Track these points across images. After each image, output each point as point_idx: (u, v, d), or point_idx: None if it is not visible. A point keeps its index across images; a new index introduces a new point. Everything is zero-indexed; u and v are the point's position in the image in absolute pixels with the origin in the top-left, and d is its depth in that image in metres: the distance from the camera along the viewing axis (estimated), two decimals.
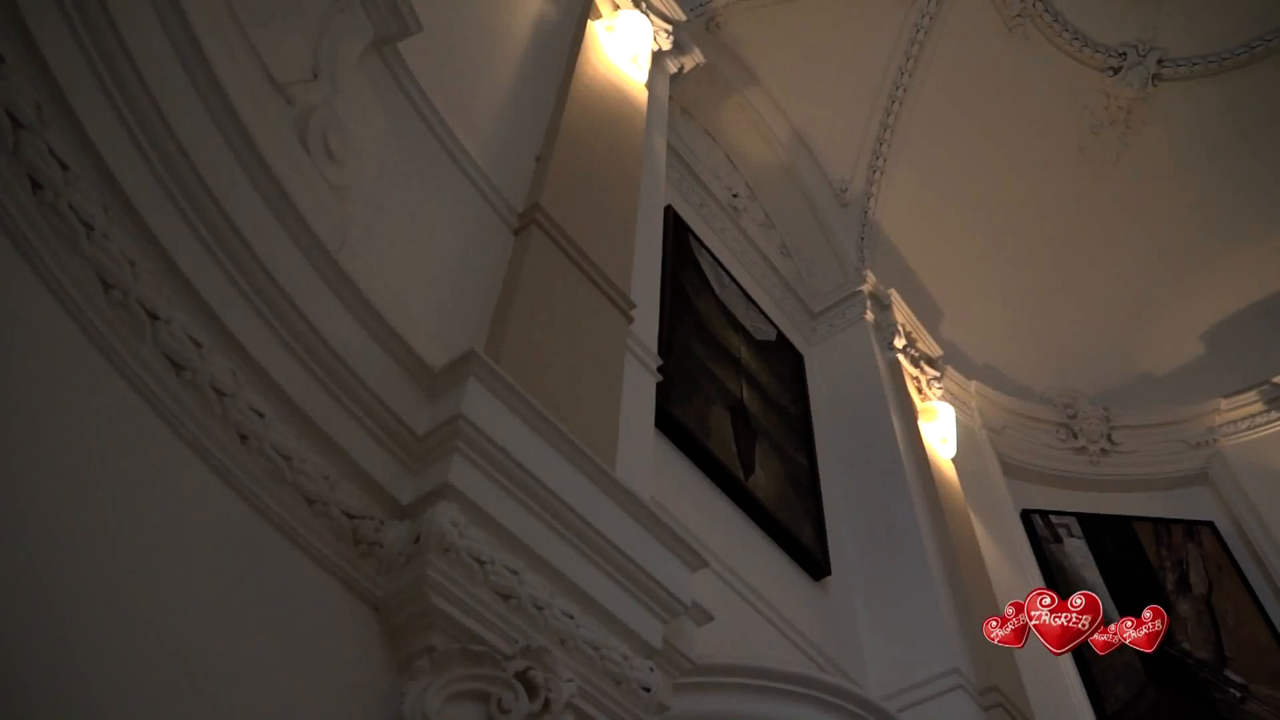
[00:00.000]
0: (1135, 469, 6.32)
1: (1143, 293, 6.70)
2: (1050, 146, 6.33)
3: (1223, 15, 5.96)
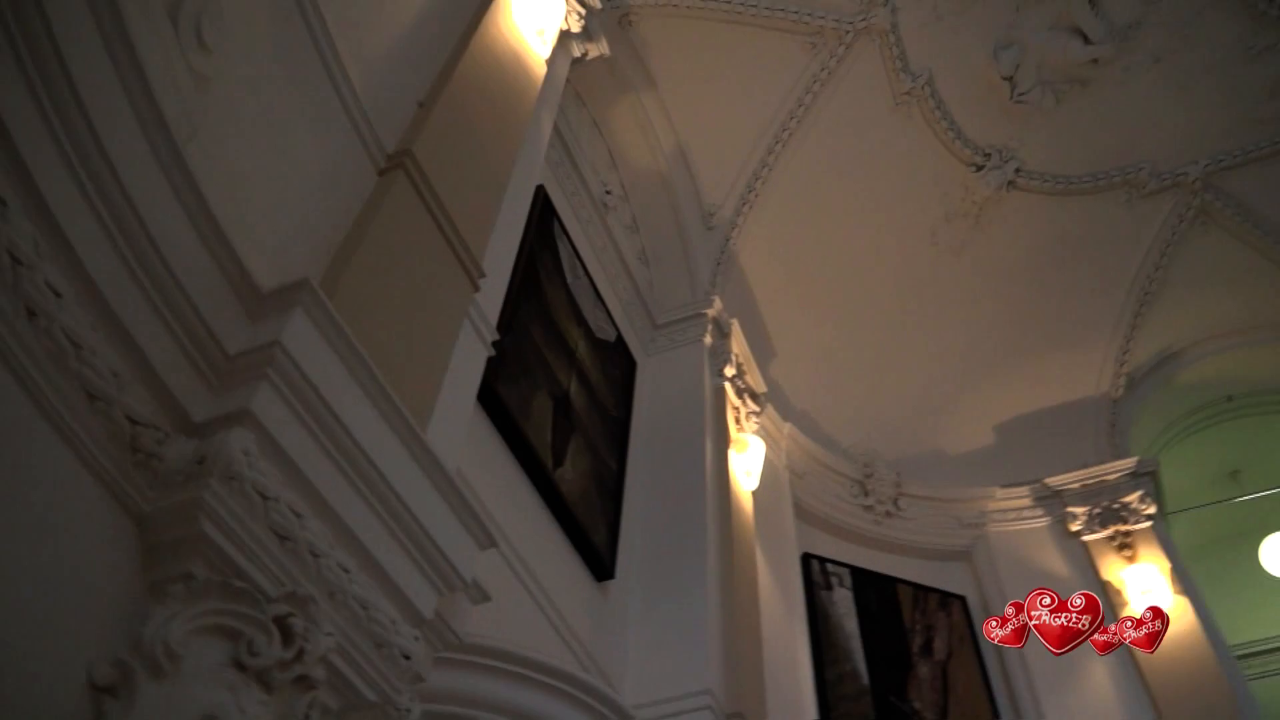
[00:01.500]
0: (911, 535, 6.76)
1: (956, 376, 7.18)
2: (907, 223, 6.70)
3: (1080, 144, 6.49)
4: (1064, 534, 6.63)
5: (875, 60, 5.97)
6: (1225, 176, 6.59)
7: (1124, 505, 6.51)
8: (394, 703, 2.03)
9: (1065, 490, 6.70)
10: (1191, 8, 5.91)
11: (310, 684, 1.77)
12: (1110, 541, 6.42)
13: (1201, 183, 6.59)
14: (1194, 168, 6.54)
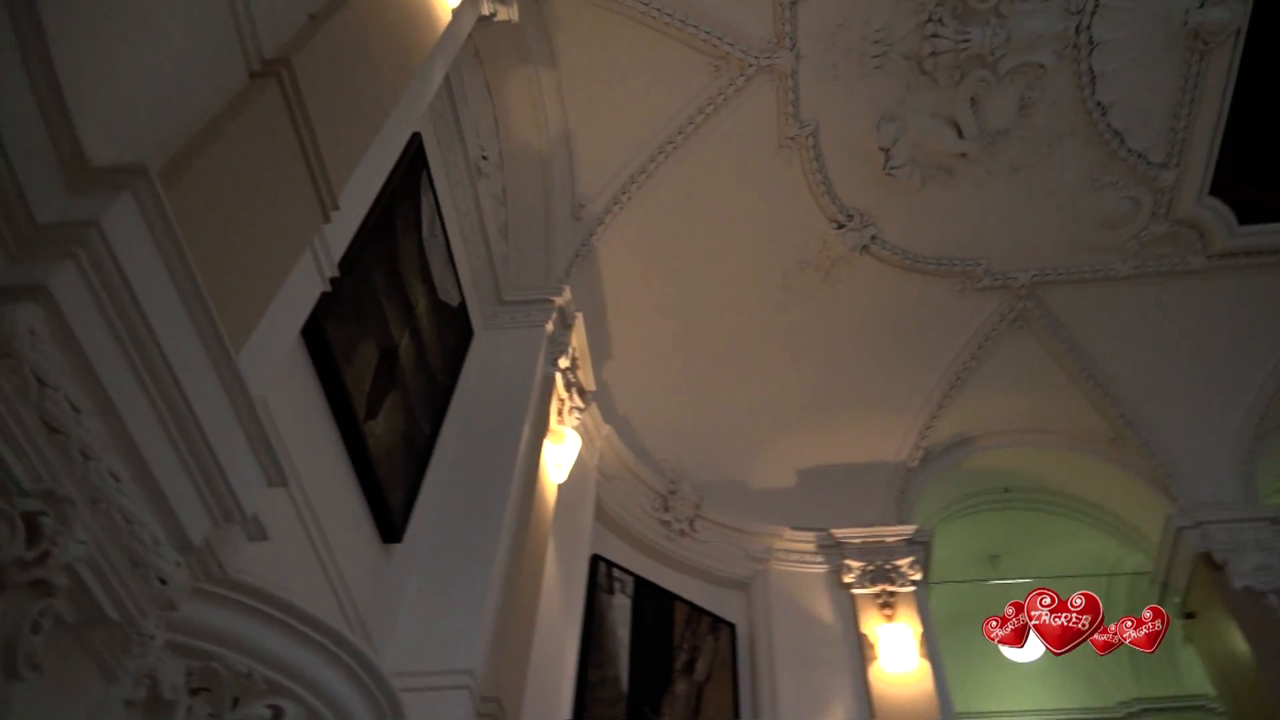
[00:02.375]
0: (699, 558, 6.96)
1: (774, 415, 7.46)
2: (763, 261, 6.91)
3: (933, 227, 6.88)
4: (836, 583, 7.00)
5: (770, 99, 6.13)
6: (1048, 289, 7.15)
7: (895, 568, 6.94)
8: (137, 625, 1.92)
9: (847, 543, 7.08)
10: (1055, 131, 6.39)
11: (48, 590, 1.64)
12: (875, 598, 6.83)
13: (1026, 290, 7.12)
14: (1023, 275, 7.07)
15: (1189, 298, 7.17)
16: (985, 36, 5.90)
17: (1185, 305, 7.20)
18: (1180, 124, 6.35)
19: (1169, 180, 6.60)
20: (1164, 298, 7.18)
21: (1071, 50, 6.04)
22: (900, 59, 6.05)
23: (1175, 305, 7.20)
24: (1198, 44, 5.98)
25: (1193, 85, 6.17)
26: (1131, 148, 6.46)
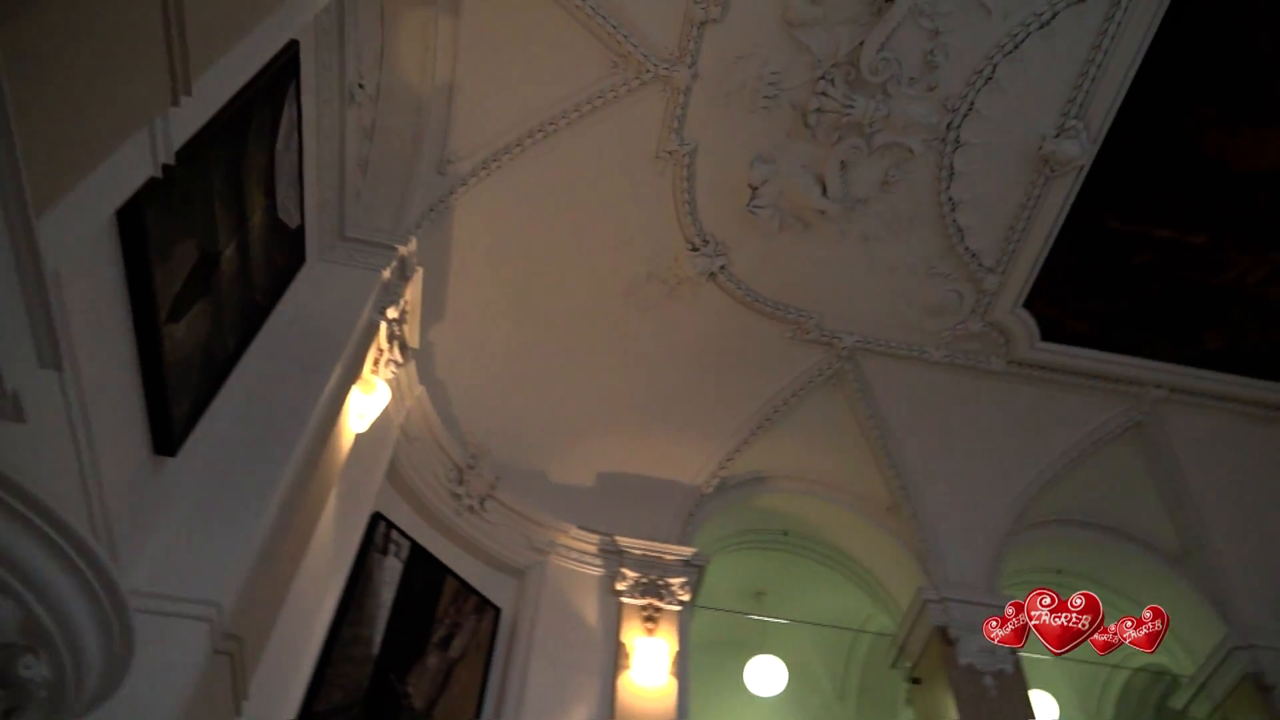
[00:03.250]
0: (482, 537, 6.92)
1: (588, 414, 7.52)
2: (613, 264, 6.96)
3: (779, 272, 7.12)
4: (608, 589, 7.12)
5: (659, 109, 6.20)
6: (866, 357, 7.56)
7: (667, 585, 7.13)
8: None
9: (628, 552, 7.22)
10: (908, 213, 6.78)
11: None
12: (641, 610, 6.99)
13: (848, 352, 7.51)
14: (849, 338, 7.45)
15: (984, 395, 7.77)
16: (868, 109, 6.19)
17: (979, 401, 7.79)
18: (1014, 236, 6.88)
19: (993, 284, 7.13)
20: (963, 389, 7.74)
21: (939, 143, 6.43)
22: (788, 106, 6.25)
23: (971, 399, 7.78)
24: (1045, 169, 6.50)
25: (1032, 204, 6.70)
26: (969, 246, 6.93)
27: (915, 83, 6.14)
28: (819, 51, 6.00)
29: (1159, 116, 6.38)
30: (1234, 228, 6.98)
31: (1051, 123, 6.34)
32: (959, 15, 5.90)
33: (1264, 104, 6.36)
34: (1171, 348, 7.65)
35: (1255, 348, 7.67)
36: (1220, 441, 8.04)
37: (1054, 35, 5.99)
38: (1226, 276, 7.24)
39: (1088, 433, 7.98)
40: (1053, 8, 5.89)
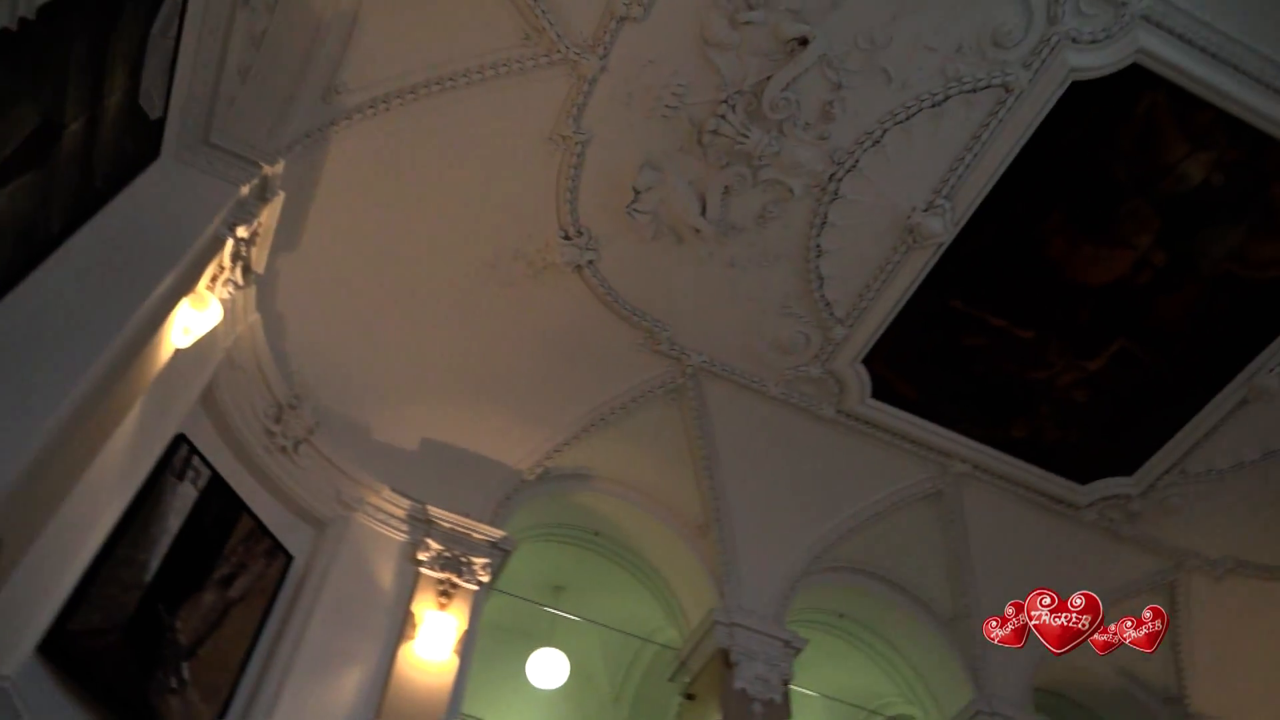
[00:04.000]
0: (289, 481, 6.65)
1: (428, 378, 7.36)
2: (484, 234, 6.85)
3: (643, 279, 7.19)
4: (409, 556, 7.00)
5: (562, 92, 6.16)
6: (709, 378, 7.73)
7: (469, 563, 7.07)
8: None
9: (437, 523, 7.11)
10: (776, 251, 6.98)
11: None
12: (439, 584, 6.90)
13: (693, 370, 7.66)
14: (696, 356, 7.60)
15: (809, 437, 8.09)
16: (761, 142, 6.34)
17: (804, 442, 8.11)
18: (868, 295, 7.20)
19: (839, 335, 7.45)
20: (792, 429, 8.04)
21: (819, 191, 6.66)
22: (687, 121, 6.33)
23: (798, 439, 8.08)
24: (909, 239, 6.84)
25: (890, 269, 7.04)
26: (825, 295, 7.21)
27: (810, 129, 6.35)
28: (727, 75, 6.10)
29: (1016, 214, 6.84)
30: (1058, 331, 7.55)
31: (923, 197, 6.68)
32: (862, 76, 6.14)
33: (1107, 226, 6.93)
34: (981, 428, 8.19)
35: (1053, 443, 8.32)
36: (1005, 522, 8.67)
37: (942, 116, 6.32)
38: (1042, 374, 7.82)
39: (894, 491, 8.44)
40: (946, 91, 6.21)
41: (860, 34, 5.97)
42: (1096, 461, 8.49)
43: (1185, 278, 7.20)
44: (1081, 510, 8.70)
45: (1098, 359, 7.72)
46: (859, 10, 5.88)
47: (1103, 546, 8.97)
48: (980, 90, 6.21)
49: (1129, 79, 6.14)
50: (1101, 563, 9.06)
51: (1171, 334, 7.55)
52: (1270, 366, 7.69)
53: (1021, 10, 5.91)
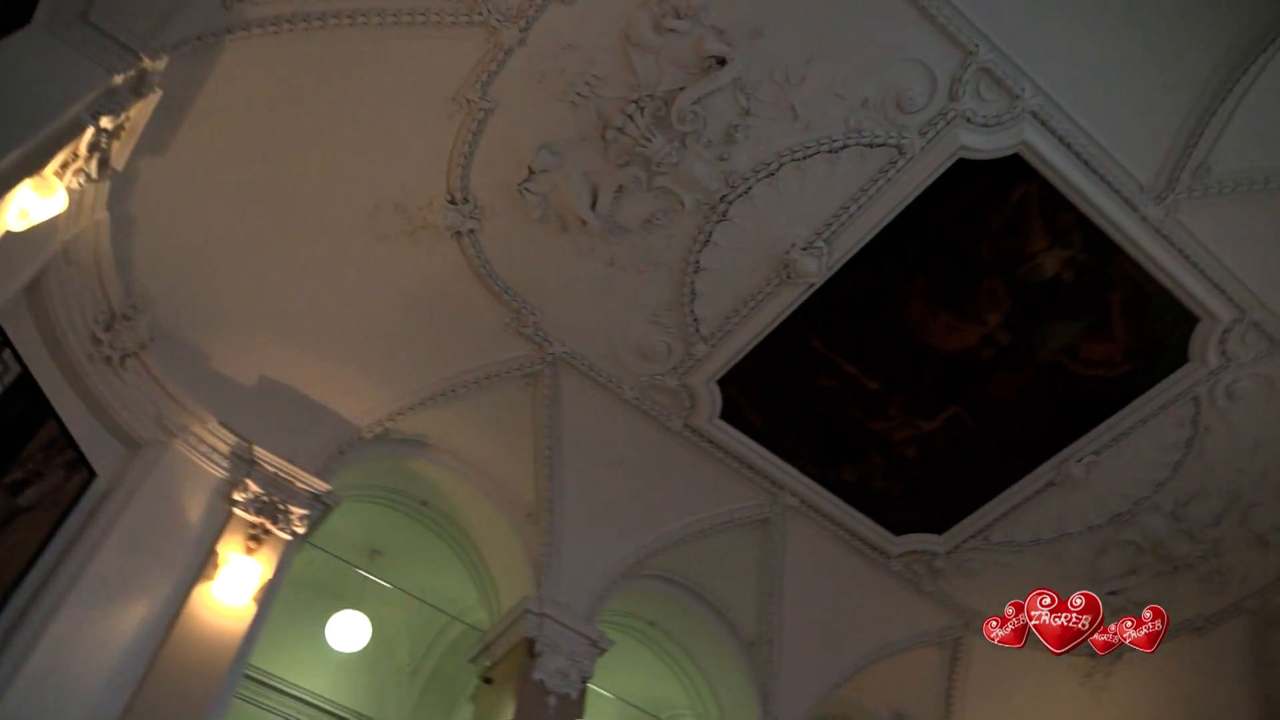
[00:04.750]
0: (109, 394, 6.22)
1: (281, 314, 7.05)
2: (369, 179, 6.62)
3: (522, 258, 7.11)
4: (225, 494, 6.70)
5: (475, 56, 6.04)
6: (568, 370, 7.73)
7: (287, 511, 6.83)
8: None
9: (261, 464, 6.84)
10: (656, 257, 7.05)
11: None
12: (250, 527, 6.64)
13: (553, 359, 7.64)
14: (559, 346, 7.58)
15: (653, 445, 8.21)
16: (662, 150, 6.40)
17: (647, 449, 8.22)
18: (735, 319, 7.37)
19: (701, 352, 7.59)
20: (638, 435, 8.13)
21: (709, 209, 6.78)
22: (594, 112, 6.32)
23: (641, 445, 8.19)
24: (783, 273, 7.05)
25: (760, 298, 7.23)
26: (695, 311, 7.34)
27: (711, 147, 6.45)
28: (643, 77, 6.13)
29: (886, 270, 7.15)
30: (902, 388, 7.94)
31: (804, 236, 6.90)
32: (771, 108, 6.28)
33: (964, 299, 7.34)
34: (816, 466, 8.52)
35: (878, 492, 8.73)
36: (821, 559, 9.04)
37: (837, 163, 6.55)
38: (880, 425, 8.20)
39: (724, 512, 8.67)
40: (845, 140, 6.44)
41: (777, 67, 6.12)
42: (913, 516, 8.97)
43: (1023, 360, 7.71)
44: (891, 559, 9.17)
45: (933, 421, 8.16)
46: (780, 45, 6.02)
47: (903, 596, 9.48)
48: (876, 146, 6.46)
49: (1009, 167, 6.53)
50: (899, 611, 9.58)
51: (1001, 410, 8.06)
52: (1079, 456, 8.31)
53: (928, 81, 6.20)
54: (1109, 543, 9.17)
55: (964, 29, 5.97)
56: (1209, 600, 9.66)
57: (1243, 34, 5.91)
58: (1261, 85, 6.11)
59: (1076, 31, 6.04)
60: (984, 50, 6.06)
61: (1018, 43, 6.09)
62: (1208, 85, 6.19)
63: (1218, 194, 6.64)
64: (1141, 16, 5.95)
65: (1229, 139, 6.41)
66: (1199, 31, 5.96)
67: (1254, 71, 6.03)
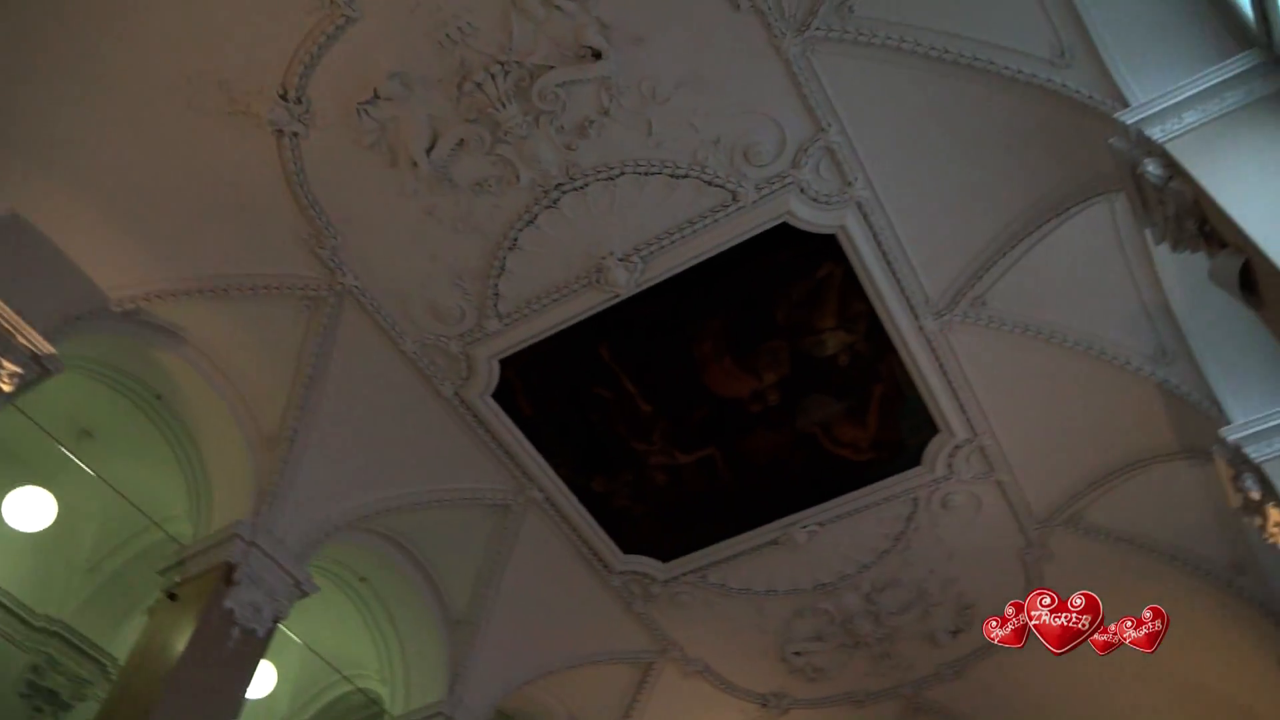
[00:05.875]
0: None
1: (53, 147, 6.35)
2: (199, 49, 6.08)
3: (339, 180, 6.77)
4: None
5: None
6: (352, 305, 7.38)
7: None
8: None
9: None
10: (477, 222, 6.93)
11: None
12: None
13: (342, 290, 7.28)
14: (352, 279, 7.24)
15: (417, 405, 8.05)
16: (514, 120, 6.31)
17: (410, 407, 8.04)
18: (534, 306, 7.37)
19: (493, 328, 7.52)
20: (405, 390, 7.93)
21: (541, 192, 6.75)
22: (458, 59, 6.14)
23: (405, 401, 8.00)
24: (594, 275, 7.13)
25: (565, 293, 7.28)
26: (499, 287, 7.27)
27: (563, 133, 6.44)
28: (517, 43, 6.03)
29: (688, 304, 7.40)
30: (671, 418, 8.22)
31: (624, 248, 7.02)
32: (630, 115, 6.36)
33: (750, 353, 7.73)
34: (569, 469, 8.64)
35: (619, 508, 8.97)
36: (548, 557, 9.17)
37: (675, 189, 6.72)
38: (641, 446, 8.45)
39: (468, 489, 8.62)
40: (689, 170, 6.62)
41: (647, 80, 6.21)
42: (644, 539, 9.28)
43: (784, 423, 8.19)
44: (613, 575, 9.43)
45: (689, 455, 8.49)
46: (656, 60, 6.11)
47: (613, 612, 9.79)
48: (715, 186, 6.69)
49: (824, 244, 6.95)
50: (606, 625, 9.87)
51: (752, 463, 8.51)
52: (806, 524, 8.93)
53: (778, 142, 6.49)
54: (807, 608, 9.89)
55: (823, 106, 6.31)
56: (874, 679, 10.64)
57: (1050, 193, 6.58)
58: (1048, 245, 6.83)
59: (918, 144, 6.52)
60: (834, 131, 6.43)
61: (866, 136, 6.50)
62: (1008, 228, 6.85)
63: (985, 326, 7.35)
64: (976, 152, 6.49)
65: (1007, 282, 7.12)
66: (1018, 180, 6.58)
67: (1047, 229, 6.73)
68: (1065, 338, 7.30)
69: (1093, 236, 6.76)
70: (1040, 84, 5.79)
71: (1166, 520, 8.39)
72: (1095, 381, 7.48)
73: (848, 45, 6.02)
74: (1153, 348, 7.09)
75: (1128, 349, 7.19)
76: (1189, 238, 5.24)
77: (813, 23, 5.92)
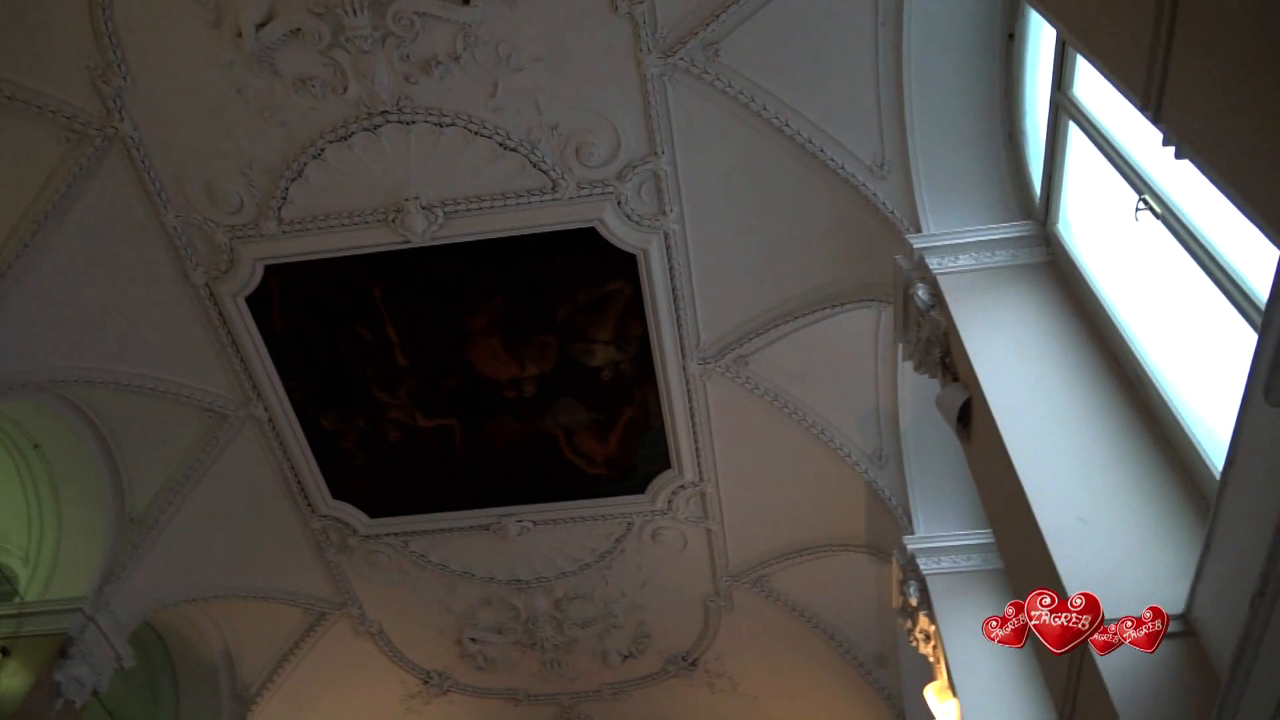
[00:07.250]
0: None
1: None
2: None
3: (163, 31, 6.16)
4: None
5: None
6: (120, 155, 6.68)
7: None
8: None
9: None
10: (284, 117, 6.47)
11: None
12: None
13: (114, 135, 6.54)
14: (130, 127, 6.54)
15: (161, 283, 7.41)
16: (360, 31, 5.96)
17: (152, 282, 7.40)
18: (318, 224, 7.00)
19: (270, 230, 7.00)
20: (150, 261, 7.25)
21: (364, 113, 6.43)
22: None
23: (149, 275, 7.33)
24: (391, 214, 6.88)
25: (351, 221, 6.98)
26: (290, 191, 6.82)
27: (406, 63, 6.18)
28: None
29: (476, 274, 7.31)
30: (422, 379, 8.05)
31: (430, 198, 6.80)
32: (478, 70, 6.21)
33: (520, 341, 7.73)
34: (304, 397, 8.19)
35: (341, 453, 8.62)
36: (251, 479, 8.65)
37: (500, 158, 6.62)
38: (383, 397, 8.20)
39: (189, 385, 7.89)
40: (518, 146, 6.55)
41: (505, 43, 6.10)
42: (357, 490, 8.98)
43: (531, 417, 8.25)
44: (315, 516, 9.06)
45: (429, 420, 8.35)
46: (522, 27, 6.03)
47: (303, 554, 9.39)
48: (539, 169, 6.66)
49: (623, 261, 7.10)
50: (291, 565, 9.46)
51: (489, 446, 8.50)
52: (521, 518, 9.02)
53: (611, 150, 6.57)
54: (496, 599, 9.97)
55: (664, 131, 6.46)
56: (539, 682, 10.87)
57: (833, 285, 7.06)
58: (816, 329, 7.35)
59: (736, 199, 6.82)
60: (665, 159, 6.60)
61: (693, 174, 6.72)
62: (787, 304, 7.31)
63: (741, 384, 7.79)
64: (784, 226, 6.85)
65: (771, 351, 7.58)
66: (811, 263, 6.99)
67: (820, 315, 7.22)
68: (805, 417, 7.85)
69: (855, 334, 7.33)
70: (856, 185, 6.24)
71: (835, 603, 9.22)
72: (818, 464, 8.10)
73: (704, 85, 6.21)
74: (873, 448, 7.77)
75: (852, 444, 7.84)
76: (931, 363, 5.80)
77: (680, 51, 6.06)
